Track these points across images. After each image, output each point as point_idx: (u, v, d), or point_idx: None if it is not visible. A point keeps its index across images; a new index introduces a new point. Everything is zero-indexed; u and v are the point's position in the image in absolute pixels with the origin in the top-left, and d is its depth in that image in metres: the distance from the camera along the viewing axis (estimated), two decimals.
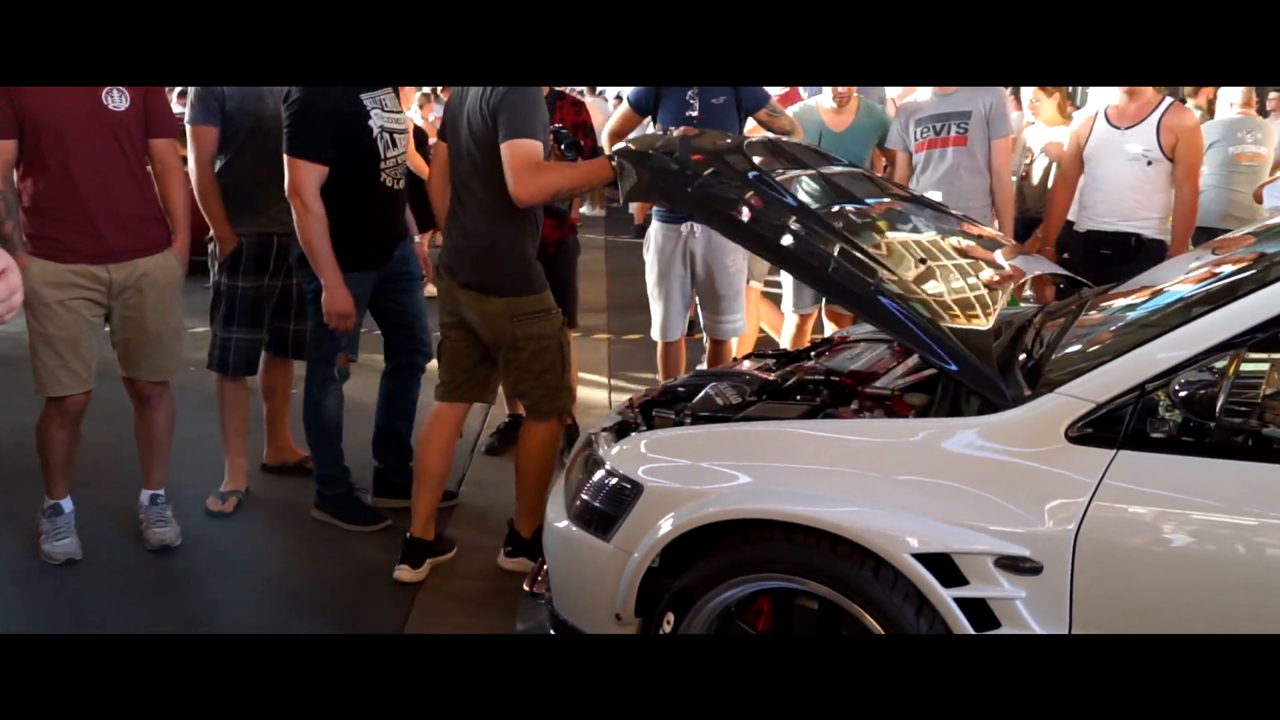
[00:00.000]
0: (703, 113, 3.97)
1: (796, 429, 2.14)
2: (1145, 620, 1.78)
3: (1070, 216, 4.48)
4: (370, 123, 3.32)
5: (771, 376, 2.70)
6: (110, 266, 3.13)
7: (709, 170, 2.53)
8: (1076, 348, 2.14)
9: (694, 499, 2.11)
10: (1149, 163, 4.16)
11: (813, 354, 3.09)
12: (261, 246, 3.62)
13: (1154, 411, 1.84)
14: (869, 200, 2.82)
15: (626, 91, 4.37)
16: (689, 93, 3.98)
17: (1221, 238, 2.98)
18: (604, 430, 2.54)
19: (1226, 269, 2.28)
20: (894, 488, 1.96)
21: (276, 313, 3.74)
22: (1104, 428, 1.84)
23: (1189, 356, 1.79)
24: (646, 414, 2.55)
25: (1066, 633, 1.82)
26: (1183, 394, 1.76)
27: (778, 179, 2.59)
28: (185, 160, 3.47)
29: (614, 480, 2.26)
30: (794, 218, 2.42)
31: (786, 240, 2.36)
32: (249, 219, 3.60)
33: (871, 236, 2.52)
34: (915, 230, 2.74)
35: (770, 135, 3.94)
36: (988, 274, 2.60)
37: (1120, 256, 4.25)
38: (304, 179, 3.21)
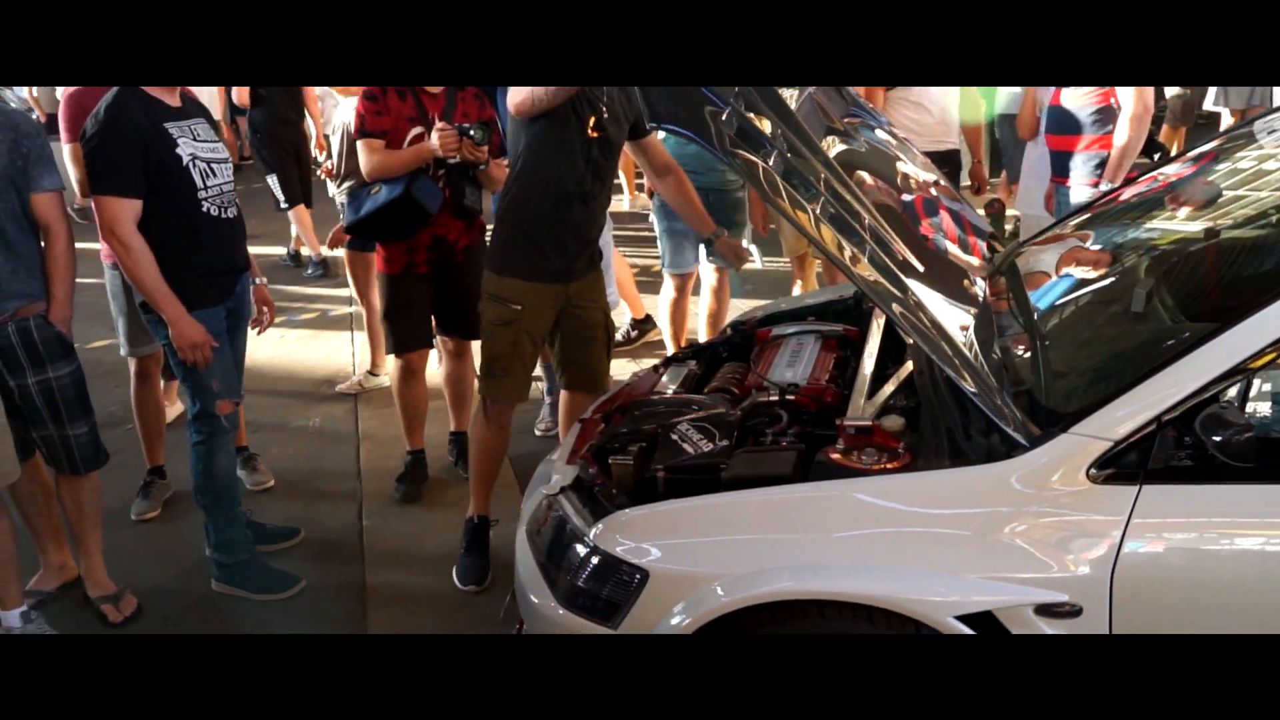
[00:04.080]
0: None
1: (804, 493, 2.05)
2: None
3: None
4: (179, 151, 2.98)
5: (719, 407, 2.55)
6: None
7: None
8: (1067, 371, 2.14)
9: (707, 582, 2.01)
10: None
11: (729, 351, 3.01)
12: None
13: (1173, 442, 1.85)
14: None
15: None
16: None
17: (1068, 234, 3.04)
18: (564, 490, 2.37)
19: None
20: (925, 548, 1.92)
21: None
22: (1124, 464, 1.85)
23: (1202, 384, 1.79)
24: (603, 464, 2.41)
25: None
26: (1203, 425, 1.78)
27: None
28: None
29: (604, 560, 2.12)
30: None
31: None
32: None
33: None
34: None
35: None
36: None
37: (954, 173, 4.50)
38: (117, 216, 2.92)
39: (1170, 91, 6.68)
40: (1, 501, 2.95)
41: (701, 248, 4.41)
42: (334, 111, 4.51)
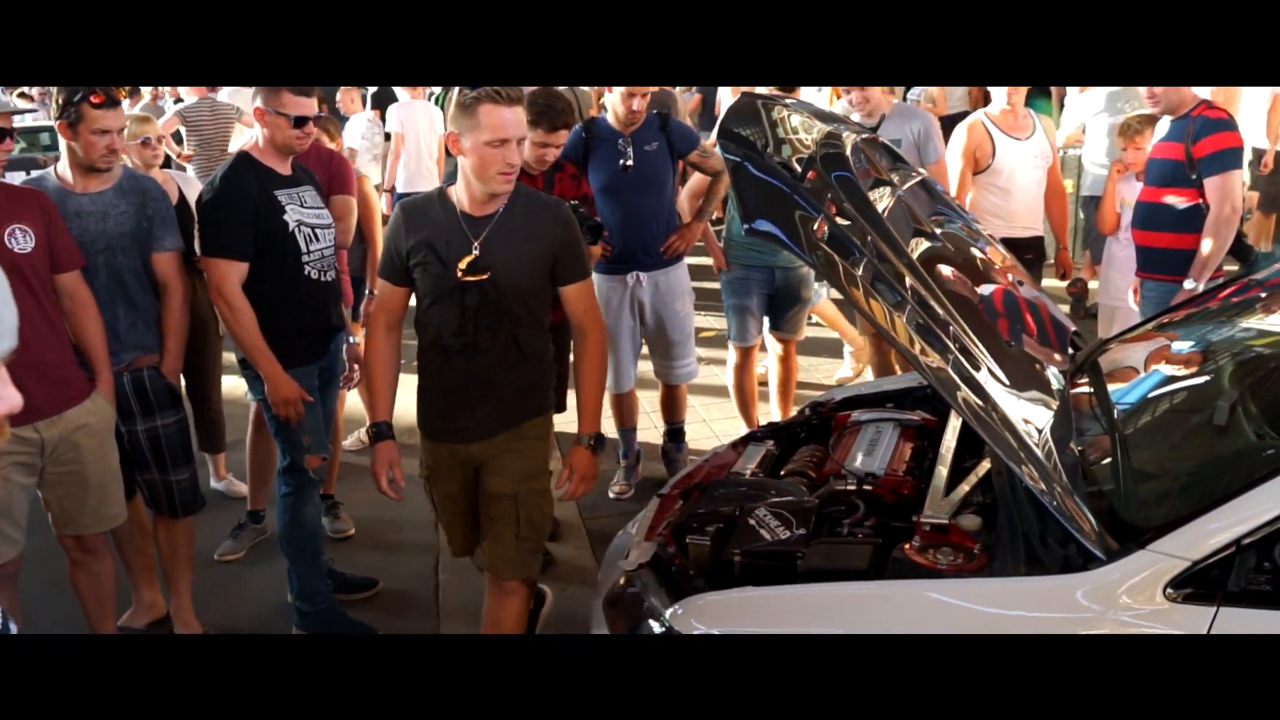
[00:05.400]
0: (636, 160, 3.84)
1: (878, 591, 2.08)
2: None
3: None
4: (285, 217, 3.12)
5: (797, 493, 2.57)
6: (39, 425, 2.79)
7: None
8: (1147, 480, 2.15)
9: None
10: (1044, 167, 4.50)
11: (806, 433, 3.05)
12: None
13: (1252, 566, 1.86)
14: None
15: None
16: (620, 140, 3.84)
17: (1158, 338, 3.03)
18: (641, 567, 2.44)
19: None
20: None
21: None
22: (1201, 584, 1.85)
23: None
24: (680, 542, 2.47)
25: None
26: None
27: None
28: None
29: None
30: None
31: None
32: None
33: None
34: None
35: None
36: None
37: (1038, 257, 4.53)
38: (224, 277, 3.05)
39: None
40: (105, 542, 3.11)
41: (766, 320, 4.46)
42: None
